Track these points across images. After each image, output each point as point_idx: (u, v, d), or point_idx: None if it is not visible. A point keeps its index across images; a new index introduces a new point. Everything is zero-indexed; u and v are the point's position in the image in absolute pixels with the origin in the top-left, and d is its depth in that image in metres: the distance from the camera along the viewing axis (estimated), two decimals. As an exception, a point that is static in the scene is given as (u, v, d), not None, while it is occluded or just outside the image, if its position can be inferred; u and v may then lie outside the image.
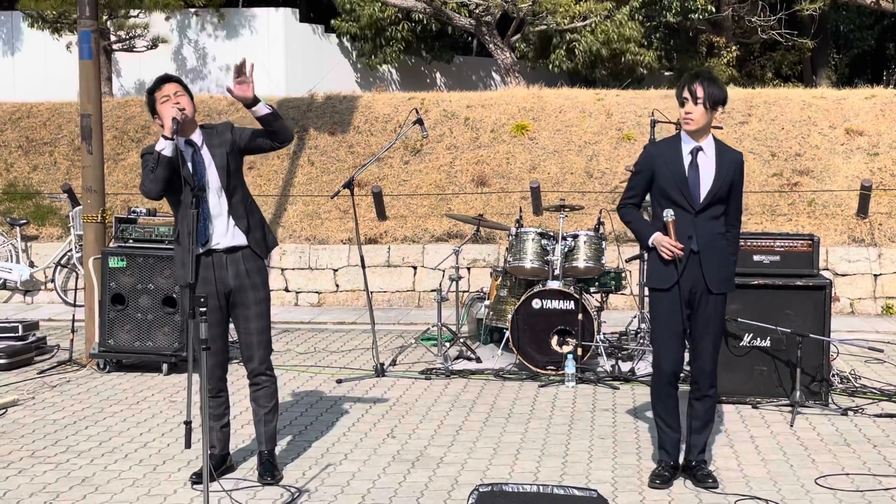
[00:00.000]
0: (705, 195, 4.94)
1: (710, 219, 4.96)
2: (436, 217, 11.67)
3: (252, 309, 5.10)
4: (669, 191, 4.94)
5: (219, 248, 5.05)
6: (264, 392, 5.19)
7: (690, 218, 4.93)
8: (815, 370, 6.57)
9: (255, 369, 5.15)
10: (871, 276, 10.71)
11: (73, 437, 5.93)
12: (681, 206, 4.93)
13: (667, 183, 4.95)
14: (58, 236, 12.14)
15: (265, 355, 5.16)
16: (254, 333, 5.12)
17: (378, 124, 13.27)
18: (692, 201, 4.93)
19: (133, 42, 17.29)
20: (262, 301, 5.14)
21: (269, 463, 5.16)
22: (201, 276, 5.02)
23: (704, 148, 4.98)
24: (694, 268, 4.95)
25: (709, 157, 4.98)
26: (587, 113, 13.11)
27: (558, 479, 5.13)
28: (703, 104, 4.91)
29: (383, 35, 19.24)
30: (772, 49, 22.47)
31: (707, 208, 4.94)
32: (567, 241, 7.87)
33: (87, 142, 8.01)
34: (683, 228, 4.94)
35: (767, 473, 5.25)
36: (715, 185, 4.94)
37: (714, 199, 4.95)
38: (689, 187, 4.92)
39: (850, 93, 13.51)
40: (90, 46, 7.96)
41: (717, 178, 4.95)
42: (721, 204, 4.99)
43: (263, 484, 5.06)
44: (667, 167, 4.97)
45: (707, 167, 4.96)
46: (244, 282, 5.08)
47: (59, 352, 8.36)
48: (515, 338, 7.60)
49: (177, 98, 4.99)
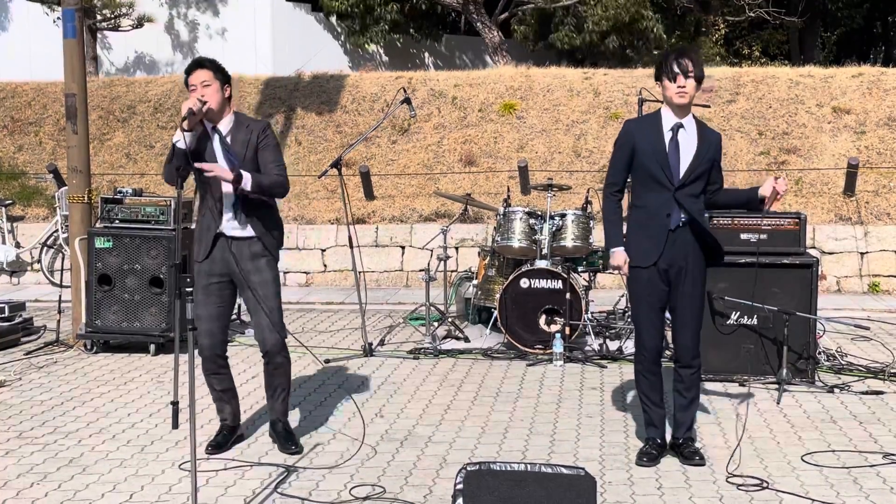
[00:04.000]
0: (684, 172, 4.93)
1: (688, 196, 4.95)
2: (424, 196, 11.66)
3: (259, 291, 5.16)
4: (650, 166, 4.94)
5: (225, 234, 5.15)
6: (279, 371, 5.32)
7: (670, 194, 4.93)
8: (801, 348, 6.59)
9: (268, 350, 5.24)
10: (857, 254, 10.75)
11: (61, 417, 5.92)
12: (660, 183, 4.93)
13: (647, 158, 4.94)
14: (44, 217, 12.09)
15: (278, 335, 5.23)
16: (263, 314, 5.18)
17: (365, 104, 13.22)
18: (671, 178, 4.92)
19: (118, 21, 17.17)
20: (267, 283, 5.19)
21: (287, 432, 5.34)
22: (214, 255, 5.15)
23: (685, 125, 4.98)
24: (672, 245, 4.96)
25: (690, 135, 4.97)
26: (575, 92, 13.09)
27: (546, 458, 5.15)
28: (693, 78, 4.90)
29: (371, 14, 19.15)
30: (759, 27, 22.46)
31: (685, 185, 4.94)
32: (555, 221, 7.87)
33: (72, 122, 7.95)
34: (661, 205, 4.95)
35: (754, 451, 5.27)
36: (695, 162, 4.93)
37: (693, 177, 4.94)
38: (668, 163, 4.92)
39: (837, 71, 13.52)
40: (74, 25, 7.90)
41: (698, 155, 4.94)
42: (700, 182, 4.98)
43: (288, 453, 5.20)
44: (647, 143, 4.96)
45: (688, 144, 4.95)
46: (248, 266, 5.15)
47: (45, 333, 8.33)
48: (503, 317, 7.61)
49: (202, 89, 5.03)
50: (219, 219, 5.12)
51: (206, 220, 5.16)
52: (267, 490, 4.69)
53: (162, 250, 7.58)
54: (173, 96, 13.77)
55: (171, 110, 13.52)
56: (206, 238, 5.15)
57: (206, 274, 5.17)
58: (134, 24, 17.22)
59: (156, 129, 13.27)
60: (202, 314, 5.16)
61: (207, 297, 5.17)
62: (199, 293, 5.12)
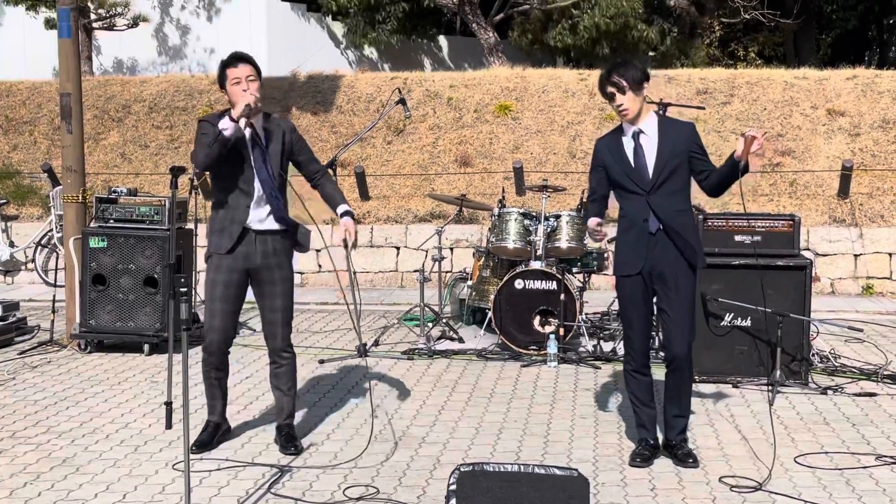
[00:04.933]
0: (652, 174, 4.97)
1: (665, 197, 4.97)
2: (419, 197, 11.66)
3: (278, 287, 5.22)
4: (620, 179, 5.04)
5: (251, 228, 5.16)
6: (286, 370, 5.34)
7: (644, 199, 4.97)
8: (795, 349, 6.60)
9: (277, 347, 5.29)
10: (851, 256, 10.77)
11: (54, 417, 5.91)
12: (632, 192, 5.00)
13: (616, 173, 5.05)
14: (38, 216, 12.07)
15: (287, 333, 5.30)
16: (279, 311, 5.24)
17: (361, 104, 13.22)
18: (642, 184, 4.97)
19: (113, 20, 17.15)
20: (287, 280, 5.27)
21: (290, 435, 5.34)
22: (238, 249, 5.15)
23: (645, 129, 5.03)
24: (653, 248, 4.98)
25: (650, 137, 5.02)
26: (570, 93, 13.10)
27: (540, 459, 5.16)
28: (629, 90, 4.95)
29: (373, 13, 19.12)
30: (755, 30, 22.49)
31: (658, 187, 4.97)
32: (550, 222, 7.88)
33: (67, 121, 7.94)
34: (638, 211, 4.99)
35: (748, 452, 5.28)
36: (659, 163, 4.97)
37: (662, 177, 4.96)
38: (635, 171, 4.98)
39: (831, 73, 13.55)
40: (69, 24, 7.88)
41: (660, 154, 4.98)
42: (675, 178, 4.99)
43: (287, 454, 5.20)
44: (613, 158, 5.06)
45: (650, 147, 5.00)
46: (271, 261, 5.20)
47: (39, 332, 8.32)
48: (498, 318, 7.61)
49: (248, 83, 5.07)
50: (246, 212, 5.12)
51: (231, 213, 5.13)
52: (260, 490, 4.69)
53: (156, 250, 7.57)
54: (168, 96, 13.76)
55: (167, 110, 13.51)
56: (231, 230, 5.12)
57: (227, 269, 5.15)
58: (129, 23, 17.20)
59: (151, 129, 13.26)
60: (220, 309, 5.15)
61: (227, 291, 5.16)
62: (218, 287, 5.14)
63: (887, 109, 12.33)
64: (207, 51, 19.01)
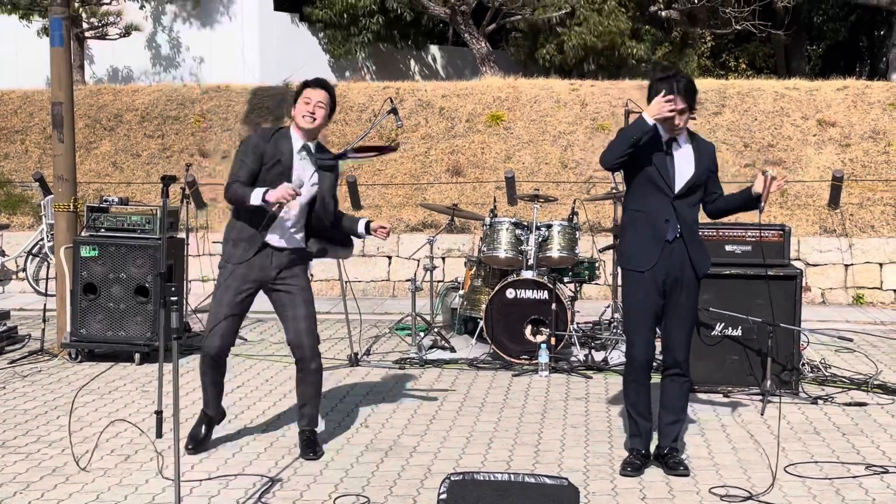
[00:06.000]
0: (684, 185, 5.00)
1: (686, 207, 5.04)
2: (410, 207, 11.67)
3: (298, 296, 5.28)
4: (652, 176, 4.99)
5: (270, 244, 5.24)
6: (312, 379, 5.38)
7: (669, 202, 5.00)
8: (785, 359, 6.62)
9: (305, 356, 5.32)
10: (842, 266, 10.81)
11: (45, 426, 5.89)
12: (660, 191, 5.00)
13: (650, 170, 5.00)
14: (29, 225, 12.05)
15: (313, 342, 5.33)
16: (302, 320, 5.28)
17: (353, 113, 13.23)
18: (670, 189, 4.99)
19: (106, 29, 17.15)
20: (306, 288, 5.33)
21: (311, 441, 5.38)
22: (254, 261, 5.20)
23: (678, 139, 5.07)
24: (668, 255, 5.00)
25: (683, 148, 5.06)
26: (562, 103, 13.13)
27: (531, 468, 5.16)
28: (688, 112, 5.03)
29: (357, 23, 19.17)
30: (746, 40, 22.57)
31: (684, 196, 5.02)
32: (541, 231, 7.89)
33: (59, 130, 7.94)
34: (661, 211, 5.00)
35: (738, 461, 5.29)
36: (695, 176, 5.03)
37: (691, 189, 5.04)
38: (670, 175, 4.99)
39: (822, 84, 13.61)
40: (62, 33, 7.89)
41: (697, 168, 5.04)
42: (698, 193, 5.08)
43: (306, 459, 5.24)
44: (653, 151, 5.00)
45: (685, 158, 5.04)
46: (289, 271, 5.29)
47: (30, 341, 8.30)
48: (489, 327, 7.62)
49: (316, 108, 5.19)
50: (266, 231, 5.18)
51: (250, 229, 5.19)
52: (251, 500, 4.68)
53: (148, 259, 7.56)
54: (160, 105, 13.76)
55: (158, 119, 13.50)
56: (251, 243, 5.19)
57: (241, 277, 5.21)
58: (121, 32, 17.20)
59: (143, 138, 13.25)
60: (226, 313, 5.21)
61: (235, 299, 5.22)
62: (228, 293, 5.20)
63: (877, 120, 12.39)
64: (199, 60, 19.01)
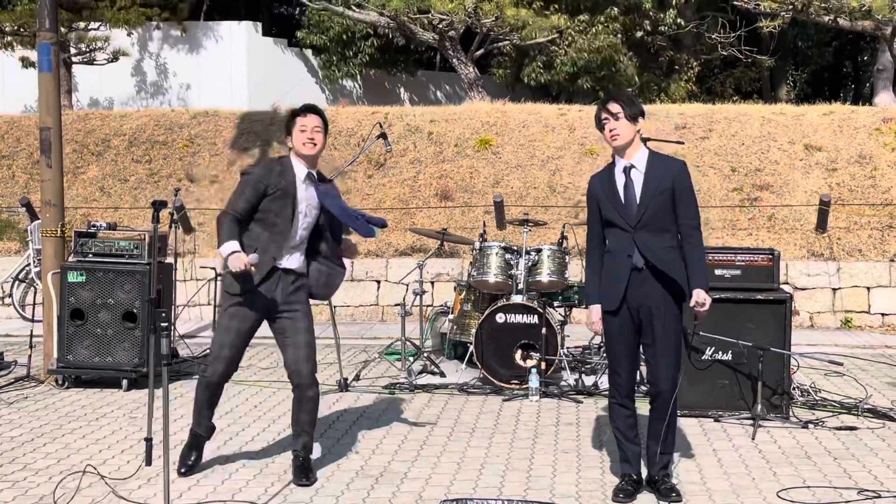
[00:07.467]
0: (637, 210, 4.97)
1: (652, 234, 4.95)
2: (399, 231, 11.67)
3: (301, 322, 5.32)
4: (609, 215, 5.01)
5: (279, 266, 5.27)
6: (308, 406, 5.38)
7: (630, 236, 4.97)
8: (776, 383, 6.62)
9: (303, 383, 5.33)
10: (830, 290, 10.84)
11: (31, 454, 5.83)
12: (619, 227, 4.98)
13: (606, 209, 5.03)
14: (16, 251, 11.99)
15: (311, 369, 5.34)
16: (302, 347, 5.31)
17: (342, 138, 13.24)
18: (629, 220, 4.96)
19: (93, 55, 17.14)
20: (308, 315, 5.37)
21: (305, 465, 5.35)
22: (261, 287, 5.23)
23: (636, 164, 5.02)
24: (639, 285, 4.97)
25: (640, 172, 5.02)
26: (550, 127, 13.18)
27: (522, 494, 5.13)
28: (623, 117, 4.96)
29: (348, 49, 19.24)
30: (732, 66, 22.72)
31: (645, 224, 4.95)
32: (530, 256, 7.89)
33: (47, 155, 7.91)
34: (622, 247, 4.98)
35: (730, 486, 5.27)
36: (644, 198, 4.96)
37: (648, 214, 4.94)
38: (624, 207, 4.97)
39: (808, 109, 13.70)
40: (50, 59, 7.88)
41: (645, 190, 4.97)
42: (663, 217, 4.97)
43: (299, 485, 5.21)
44: (604, 192, 5.04)
45: (638, 182, 5.01)
46: (292, 297, 5.32)
47: (16, 368, 8.23)
48: (479, 352, 7.59)
49: (314, 133, 5.25)
50: (280, 253, 5.23)
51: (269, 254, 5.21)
52: (241, 527, 4.63)
53: (136, 285, 7.52)
54: (148, 130, 13.74)
55: (146, 144, 13.48)
56: (263, 269, 5.19)
57: (248, 304, 5.23)
58: (109, 58, 17.19)
59: (130, 163, 13.22)
60: (231, 342, 5.25)
61: (242, 326, 5.26)
62: (235, 320, 5.23)
63: (863, 144, 12.47)
64: (186, 86, 19.01)
